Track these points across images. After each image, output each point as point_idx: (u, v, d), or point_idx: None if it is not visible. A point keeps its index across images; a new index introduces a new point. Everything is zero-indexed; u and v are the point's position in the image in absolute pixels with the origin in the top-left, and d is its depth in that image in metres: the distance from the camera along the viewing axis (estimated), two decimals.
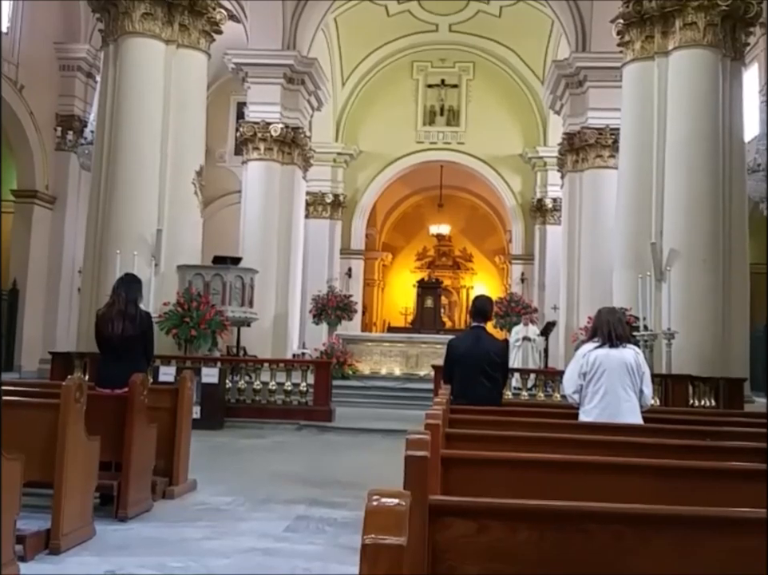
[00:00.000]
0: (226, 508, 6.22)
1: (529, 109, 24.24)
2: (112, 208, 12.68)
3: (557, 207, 21.67)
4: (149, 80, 12.86)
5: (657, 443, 4.06)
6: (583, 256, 17.18)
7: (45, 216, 18.27)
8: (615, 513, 2.04)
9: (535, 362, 16.70)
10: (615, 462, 3.22)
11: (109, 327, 6.27)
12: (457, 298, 29.78)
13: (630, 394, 5.27)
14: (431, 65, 24.69)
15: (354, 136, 24.53)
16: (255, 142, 18.63)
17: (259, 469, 8.36)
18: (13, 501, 4.13)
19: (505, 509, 2.03)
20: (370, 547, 1.44)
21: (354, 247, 25.18)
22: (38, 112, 17.83)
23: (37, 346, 17.38)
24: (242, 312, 13.45)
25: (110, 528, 5.27)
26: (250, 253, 17.01)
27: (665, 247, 12.08)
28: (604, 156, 17.25)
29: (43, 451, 4.72)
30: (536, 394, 12.54)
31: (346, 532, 5.43)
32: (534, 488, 2.92)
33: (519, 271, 24.69)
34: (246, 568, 4.53)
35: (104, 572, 4.31)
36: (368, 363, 19.00)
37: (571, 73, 17.58)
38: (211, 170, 17.36)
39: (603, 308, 5.74)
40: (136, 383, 5.79)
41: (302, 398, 12.42)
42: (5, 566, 4.00)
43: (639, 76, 12.81)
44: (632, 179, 12.77)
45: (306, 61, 18.84)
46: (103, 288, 11.29)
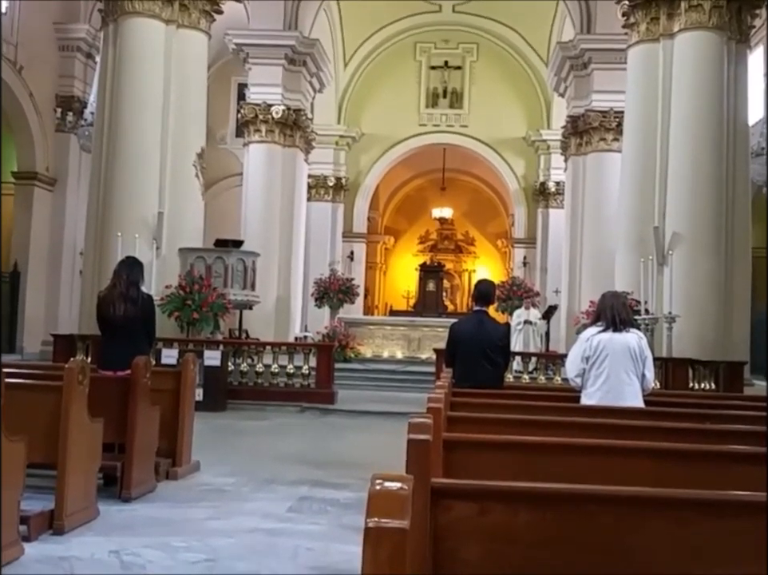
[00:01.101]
0: (229, 488, 6.26)
1: (533, 91, 24.11)
2: (113, 191, 12.65)
3: (560, 190, 21.60)
4: (149, 60, 12.78)
5: (657, 426, 4.08)
6: (586, 240, 17.15)
7: (46, 197, 18.24)
8: (615, 496, 2.06)
9: (536, 345, 16.73)
10: (615, 445, 3.24)
11: (111, 309, 6.29)
12: (459, 281, 29.78)
13: (632, 378, 5.29)
14: (434, 47, 24.54)
15: (357, 119, 24.43)
16: (257, 124, 18.56)
17: (262, 450, 8.40)
18: (18, 482, 4.17)
19: (507, 492, 2.05)
20: (373, 530, 1.45)
21: (357, 230, 25.14)
22: (38, 93, 17.76)
23: (39, 328, 17.41)
24: (244, 295, 13.46)
25: (114, 508, 5.31)
26: (252, 236, 16.99)
27: (668, 231, 12.05)
28: (608, 140, 17.17)
29: (47, 433, 4.75)
30: (538, 377, 12.57)
31: (349, 512, 5.47)
32: (535, 471, 2.93)
33: (521, 254, 24.66)
34: (249, 547, 4.56)
35: (108, 552, 4.35)
36: (370, 346, 19.03)
37: (575, 55, 17.47)
38: (212, 152, 17.32)
39: (607, 292, 5.75)
40: (139, 365, 5.81)
41: (305, 381, 12.47)
42: (9, 546, 4.04)
43: (644, 58, 12.72)
44: (636, 162, 12.72)
45: (308, 41, 18.72)
46: (104, 271, 11.29)
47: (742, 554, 1.95)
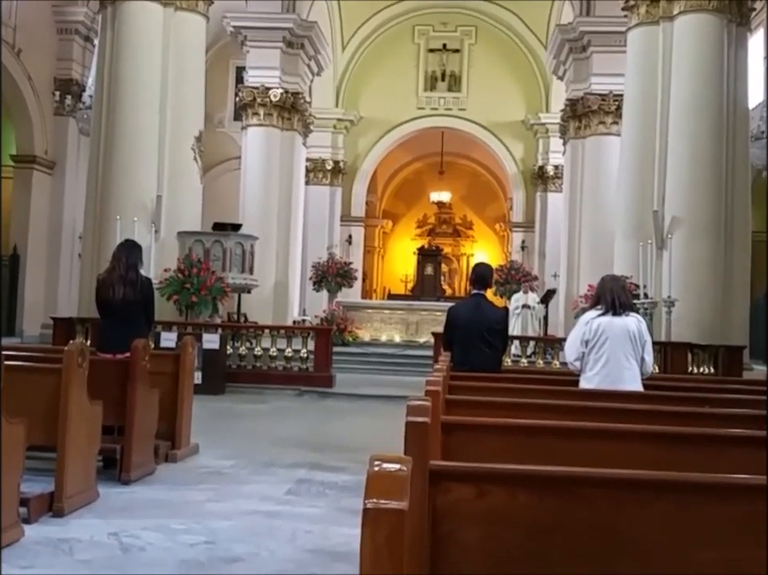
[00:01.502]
0: (228, 471, 6.28)
1: (532, 74, 24.01)
2: (111, 174, 12.62)
3: (559, 174, 21.55)
4: (147, 43, 12.71)
5: (656, 410, 4.08)
6: (585, 224, 17.13)
7: (45, 181, 18.18)
8: (613, 479, 2.06)
9: (534, 329, 16.74)
10: (614, 429, 3.24)
11: (110, 292, 6.29)
12: (457, 265, 29.78)
13: (632, 362, 5.29)
14: (432, 29, 24.40)
15: (355, 102, 24.32)
16: (255, 107, 18.49)
17: (261, 433, 8.43)
18: (17, 464, 4.18)
19: (505, 474, 2.05)
20: (371, 511, 1.45)
21: (355, 214, 25.09)
22: (36, 76, 17.66)
23: (38, 311, 17.42)
24: (242, 279, 13.45)
25: (113, 491, 5.33)
26: (250, 220, 16.96)
27: (667, 215, 12.04)
28: (607, 123, 17.11)
29: (46, 415, 4.76)
30: (536, 361, 12.59)
31: (347, 495, 5.49)
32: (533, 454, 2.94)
33: (520, 238, 24.64)
34: (248, 530, 4.58)
35: (108, 534, 4.37)
36: (368, 330, 19.05)
37: (574, 38, 17.38)
38: (210, 135, 17.25)
39: (607, 276, 5.75)
40: (138, 348, 5.82)
41: (303, 365, 12.49)
42: (9, 528, 4.05)
43: (643, 41, 12.67)
44: (635, 146, 12.69)
45: (306, 24, 18.62)
46: (103, 254, 11.27)
47: (742, 537, 1.96)
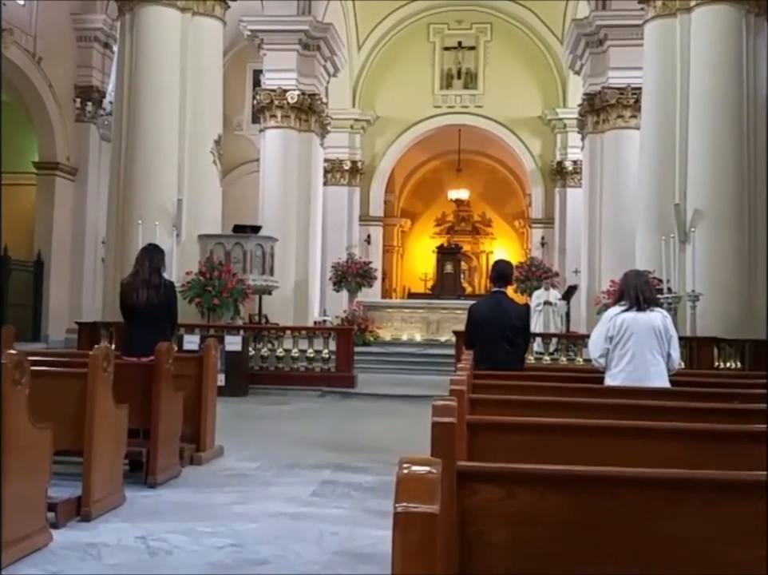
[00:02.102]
0: (253, 473, 6.30)
1: (548, 69, 23.89)
2: (132, 179, 12.72)
3: (578, 169, 21.44)
4: (166, 49, 12.80)
5: (684, 407, 4.04)
6: (605, 219, 17.01)
7: (68, 187, 18.35)
8: (643, 478, 2.04)
9: (556, 326, 16.66)
10: (641, 426, 3.21)
11: (134, 296, 6.33)
12: (476, 263, 29.70)
13: (657, 358, 5.23)
14: (447, 27, 24.35)
15: (371, 102, 24.33)
16: (272, 110, 18.56)
17: (284, 434, 8.44)
18: (45, 469, 4.21)
19: (534, 475, 2.04)
20: (401, 515, 1.44)
21: (373, 213, 25.10)
22: (57, 83, 17.83)
23: (63, 316, 17.57)
24: (263, 280, 13.50)
25: (140, 494, 5.36)
26: (269, 221, 17.02)
27: (689, 208, 11.93)
28: (626, 117, 16.99)
29: (73, 420, 4.78)
30: (559, 358, 12.53)
31: (372, 496, 5.49)
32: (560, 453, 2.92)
33: (539, 235, 24.53)
34: (274, 532, 4.59)
35: (135, 537, 4.38)
36: (389, 330, 19.05)
37: (591, 32, 17.27)
38: (229, 139, 17.33)
39: (630, 271, 5.68)
40: (162, 351, 5.85)
41: (325, 365, 12.51)
42: (37, 533, 4.08)
43: (660, 33, 12.56)
44: (655, 139, 12.59)
45: (322, 26, 18.65)
46: (126, 258, 11.36)
47: None
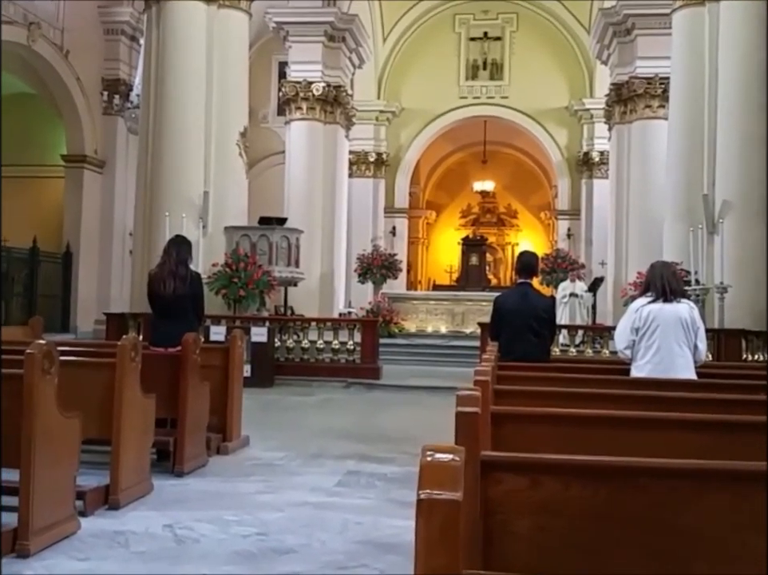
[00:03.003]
0: (278, 463, 6.35)
1: (575, 59, 23.68)
2: (159, 171, 12.81)
3: (604, 160, 21.25)
4: (192, 41, 12.86)
5: (711, 398, 4.01)
6: (632, 210, 16.85)
7: (95, 179, 18.52)
8: (669, 469, 2.03)
9: (582, 318, 16.56)
10: (668, 418, 3.20)
11: (161, 286, 6.38)
12: (502, 255, 29.58)
13: (684, 350, 5.19)
14: (473, 18, 24.20)
15: (396, 93, 24.27)
16: (298, 102, 18.58)
17: (310, 425, 8.50)
18: (73, 458, 4.27)
19: (557, 465, 2.04)
20: (425, 502, 1.45)
21: (398, 205, 25.06)
22: (85, 77, 17.98)
23: (91, 307, 17.76)
24: (288, 272, 13.56)
25: (167, 483, 5.42)
26: (295, 213, 17.07)
27: (717, 199, 11.78)
28: (653, 107, 16.80)
29: (101, 409, 4.84)
30: (585, 350, 12.47)
31: (396, 486, 5.51)
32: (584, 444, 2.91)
33: (565, 226, 24.36)
34: (299, 521, 4.63)
35: (163, 526, 4.44)
36: (414, 321, 19.04)
37: (618, 21, 17.08)
38: (254, 131, 17.35)
39: (657, 262, 5.63)
40: (189, 342, 5.90)
41: (350, 356, 12.55)
42: (65, 521, 4.14)
43: (689, 22, 12.41)
44: (683, 129, 12.45)
45: (347, 17, 18.62)
46: (154, 250, 11.46)
47: None
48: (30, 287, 16.95)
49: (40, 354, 3.94)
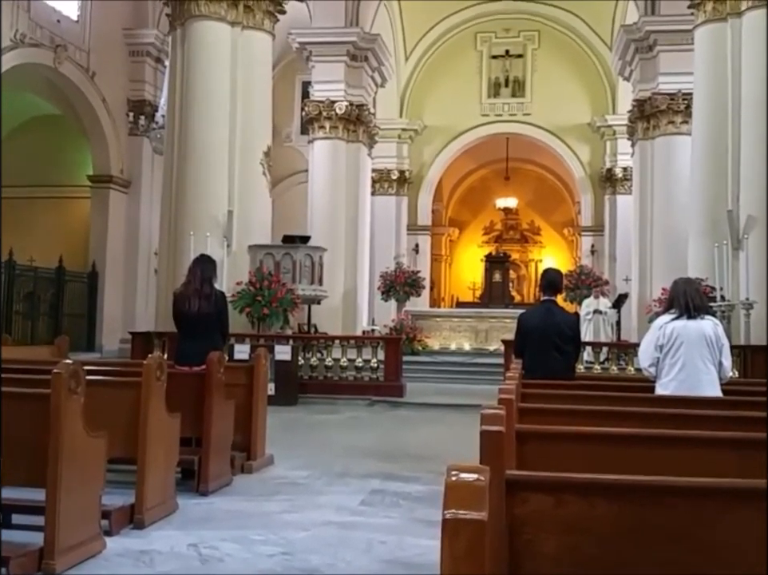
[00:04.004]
0: (303, 482, 6.34)
1: (597, 76, 23.69)
2: (184, 191, 12.93)
3: (628, 176, 21.19)
4: (216, 62, 13.01)
5: (737, 416, 3.96)
6: (656, 226, 16.76)
7: (121, 199, 18.74)
8: (695, 487, 2.01)
9: (607, 335, 16.45)
10: (694, 436, 3.16)
11: (186, 305, 6.42)
12: (525, 272, 29.50)
13: (709, 367, 5.14)
14: (495, 36, 24.32)
15: (419, 111, 24.39)
16: (321, 121, 18.73)
17: (334, 443, 8.48)
18: (99, 477, 4.29)
19: (583, 484, 2.02)
20: (450, 522, 1.45)
21: (421, 222, 25.12)
22: (110, 98, 18.24)
23: (117, 326, 17.92)
24: (312, 290, 13.60)
25: (192, 502, 5.43)
26: (318, 231, 17.16)
27: (742, 214, 11.69)
28: (677, 122, 16.75)
29: (126, 428, 4.86)
30: (609, 367, 12.37)
31: (421, 506, 5.49)
32: (610, 462, 2.89)
33: (589, 242, 24.28)
34: (324, 541, 4.61)
35: (187, 545, 4.44)
36: (437, 339, 19.02)
37: (640, 38, 17.08)
38: (278, 150, 17.53)
39: (680, 278, 5.60)
40: (214, 361, 5.93)
41: (374, 374, 12.54)
42: (91, 540, 4.15)
43: (711, 38, 12.38)
44: (707, 145, 12.39)
45: (369, 37, 18.78)
46: (179, 269, 11.55)
47: None
48: (56, 307, 17.14)
49: (67, 374, 3.98)
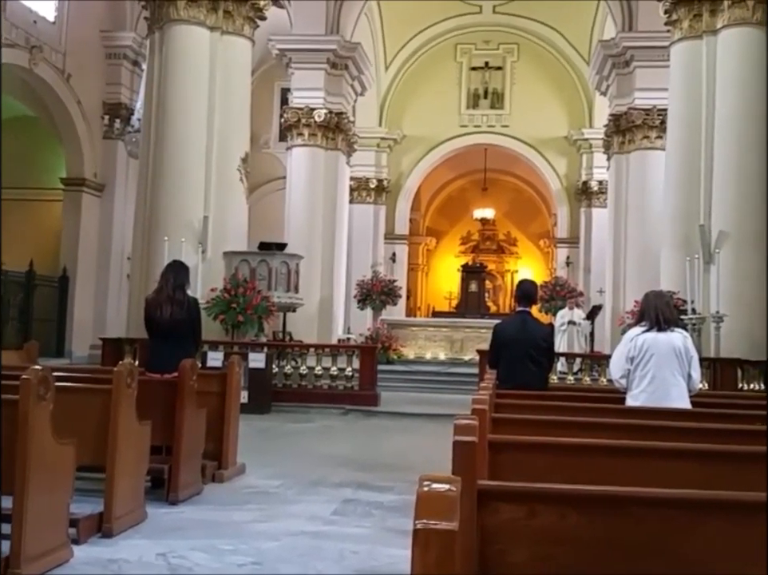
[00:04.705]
0: (274, 491, 6.30)
1: (575, 90, 23.91)
2: (159, 196, 12.83)
3: (603, 189, 21.40)
4: (194, 67, 12.94)
5: (706, 428, 4.00)
6: (630, 239, 16.94)
7: (94, 203, 18.57)
8: (665, 498, 2.03)
9: (580, 346, 16.56)
10: (663, 447, 3.19)
11: (158, 312, 6.37)
12: (501, 282, 29.63)
13: (678, 379, 5.21)
14: (475, 48, 24.47)
15: (398, 121, 24.45)
16: (300, 128, 18.71)
17: (307, 452, 8.44)
18: (67, 485, 4.23)
19: (555, 494, 2.03)
20: (421, 532, 1.45)
21: (398, 231, 25.15)
22: (86, 100, 18.09)
23: (87, 331, 17.73)
24: (287, 298, 13.54)
25: (161, 511, 5.37)
26: (295, 239, 17.11)
27: (714, 229, 11.85)
28: (651, 138, 16.96)
29: (96, 435, 4.80)
30: (583, 378, 12.44)
31: (394, 515, 5.47)
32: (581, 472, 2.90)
33: (564, 254, 24.45)
34: (295, 550, 4.59)
35: (156, 554, 4.39)
36: (413, 348, 19.02)
37: (617, 53, 17.28)
38: (256, 156, 17.46)
39: (651, 292, 5.68)
40: (186, 368, 5.88)
41: (348, 383, 12.51)
42: (59, 549, 4.09)
43: (687, 55, 12.54)
44: (680, 160, 12.54)
45: (350, 45, 18.81)
46: (152, 275, 11.45)
47: None
48: (26, 311, 16.89)
49: (36, 379, 3.92)
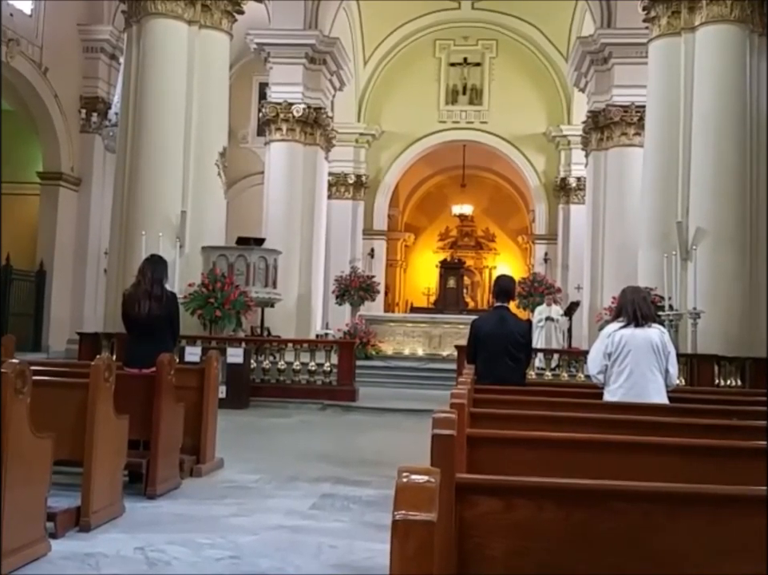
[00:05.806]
0: (253, 485, 6.29)
1: (553, 86, 24.00)
2: (137, 190, 12.76)
3: (581, 186, 21.51)
4: (172, 61, 12.87)
5: (682, 423, 4.04)
6: (608, 236, 17.05)
7: (71, 197, 18.41)
8: (642, 492, 2.04)
9: (558, 342, 16.65)
10: (639, 441, 3.22)
11: (136, 307, 6.33)
12: (479, 278, 29.71)
13: (656, 374, 5.25)
14: (453, 44, 24.49)
15: (377, 116, 24.43)
16: (278, 123, 18.64)
17: (285, 447, 8.44)
18: (44, 479, 4.21)
19: (532, 488, 2.04)
20: (400, 523, 1.45)
21: (377, 227, 25.14)
22: (63, 94, 17.92)
23: (64, 326, 17.58)
24: (266, 293, 13.51)
25: (139, 505, 5.35)
26: (273, 234, 17.06)
27: (691, 226, 11.95)
28: (629, 134, 17.06)
29: (73, 430, 4.78)
30: (560, 374, 12.52)
31: (371, 510, 5.49)
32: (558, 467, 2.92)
33: (542, 251, 24.55)
34: (273, 545, 4.58)
35: (134, 548, 4.38)
36: (391, 344, 19.04)
37: (596, 50, 17.38)
38: (234, 151, 17.38)
39: (628, 287, 5.71)
40: (164, 363, 5.85)
41: (326, 378, 12.50)
42: (36, 543, 4.08)
43: (665, 52, 12.63)
44: (658, 157, 12.63)
45: (328, 40, 18.76)
46: (129, 269, 11.37)
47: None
48: (2, 306, 16.73)
49: (13, 373, 3.89)
